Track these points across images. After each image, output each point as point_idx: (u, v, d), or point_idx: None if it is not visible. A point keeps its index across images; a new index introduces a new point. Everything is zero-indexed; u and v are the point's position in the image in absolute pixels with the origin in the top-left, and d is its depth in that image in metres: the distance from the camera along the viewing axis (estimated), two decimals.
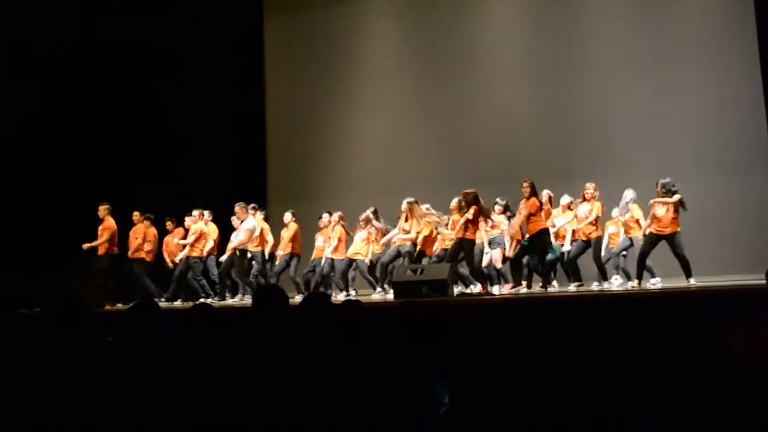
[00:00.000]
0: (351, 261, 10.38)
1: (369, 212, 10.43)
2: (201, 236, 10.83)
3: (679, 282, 8.52)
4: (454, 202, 9.33)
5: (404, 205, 9.67)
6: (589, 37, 11.93)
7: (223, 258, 10.68)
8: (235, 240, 10.46)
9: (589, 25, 12.02)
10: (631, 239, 9.40)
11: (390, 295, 9.22)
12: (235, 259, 10.46)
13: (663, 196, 8.51)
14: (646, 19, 11.52)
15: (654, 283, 8.85)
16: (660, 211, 8.53)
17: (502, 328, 5.31)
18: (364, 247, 10.40)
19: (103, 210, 10.71)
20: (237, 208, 10.62)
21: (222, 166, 12.51)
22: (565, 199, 9.81)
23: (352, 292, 10.33)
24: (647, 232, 8.77)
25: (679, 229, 8.50)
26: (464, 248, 8.83)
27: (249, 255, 10.58)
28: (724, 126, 10.85)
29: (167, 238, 11.35)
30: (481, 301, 7.86)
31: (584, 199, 9.31)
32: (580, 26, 12.06)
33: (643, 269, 8.65)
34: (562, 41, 12.01)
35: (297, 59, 13.77)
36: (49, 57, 11.85)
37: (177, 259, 10.97)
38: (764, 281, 3.63)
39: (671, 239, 8.48)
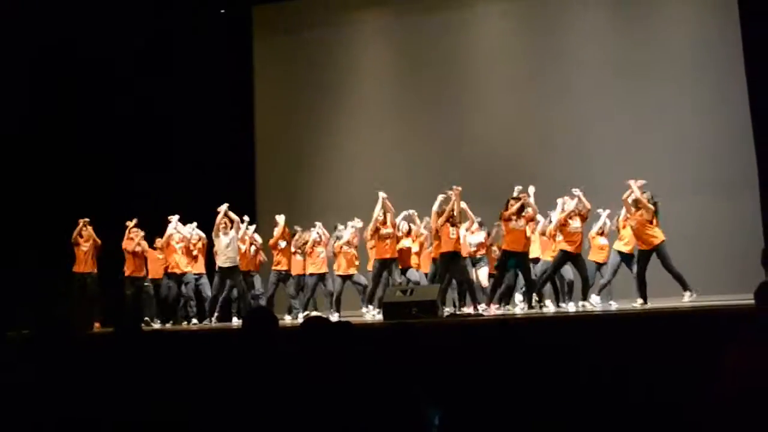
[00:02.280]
0: (345, 278, 10.26)
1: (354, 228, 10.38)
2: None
3: (672, 301, 8.49)
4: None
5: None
6: (579, 56, 12.19)
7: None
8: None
9: (578, 43, 12.29)
10: (620, 255, 9.34)
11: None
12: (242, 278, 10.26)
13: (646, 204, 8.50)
14: (637, 38, 11.81)
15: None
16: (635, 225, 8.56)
17: (493, 348, 5.29)
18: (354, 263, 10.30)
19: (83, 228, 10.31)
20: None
21: (211, 183, 12.46)
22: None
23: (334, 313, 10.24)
24: (637, 250, 8.76)
25: (662, 240, 8.46)
26: (455, 261, 8.90)
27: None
28: (713, 147, 10.97)
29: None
30: (471, 321, 7.82)
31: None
32: (571, 44, 12.32)
33: (644, 287, 8.62)
34: (552, 59, 12.28)
35: (286, 80, 13.96)
36: (48, 58, 11.93)
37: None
38: (754, 301, 3.64)
39: (658, 251, 8.47)
